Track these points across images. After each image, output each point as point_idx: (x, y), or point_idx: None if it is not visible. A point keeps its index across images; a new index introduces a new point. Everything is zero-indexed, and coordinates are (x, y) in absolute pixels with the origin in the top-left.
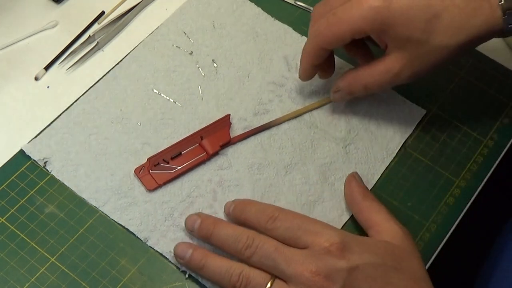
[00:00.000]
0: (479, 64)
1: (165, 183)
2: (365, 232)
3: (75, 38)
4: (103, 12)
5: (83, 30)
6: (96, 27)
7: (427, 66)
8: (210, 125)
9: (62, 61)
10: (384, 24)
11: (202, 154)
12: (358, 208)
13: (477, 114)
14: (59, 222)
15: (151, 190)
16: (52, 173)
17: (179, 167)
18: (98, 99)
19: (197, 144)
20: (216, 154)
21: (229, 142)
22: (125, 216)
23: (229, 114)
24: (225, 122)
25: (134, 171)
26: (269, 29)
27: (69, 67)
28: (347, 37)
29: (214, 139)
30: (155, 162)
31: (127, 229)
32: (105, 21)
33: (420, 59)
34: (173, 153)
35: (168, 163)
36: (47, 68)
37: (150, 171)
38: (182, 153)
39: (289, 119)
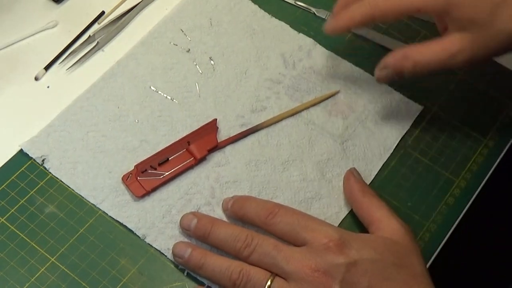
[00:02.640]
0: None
1: (153, 190)
2: (364, 229)
3: (75, 38)
4: (103, 12)
5: (83, 30)
6: (96, 27)
7: (486, 51)
8: (197, 130)
9: (62, 61)
10: (449, 5)
11: (190, 159)
12: (358, 205)
13: (477, 114)
14: (59, 222)
15: (139, 197)
16: (50, 170)
17: (167, 173)
18: (95, 97)
19: (184, 150)
20: (204, 159)
21: (216, 147)
22: (123, 213)
23: (216, 119)
24: (212, 126)
25: (122, 179)
26: (266, 26)
27: (69, 67)
28: (404, 14)
29: (201, 144)
30: (142, 168)
31: (127, 228)
32: (105, 21)
33: (482, 43)
34: (160, 159)
35: (155, 169)
36: (47, 68)
37: (138, 177)
38: (170, 158)
39: (281, 119)
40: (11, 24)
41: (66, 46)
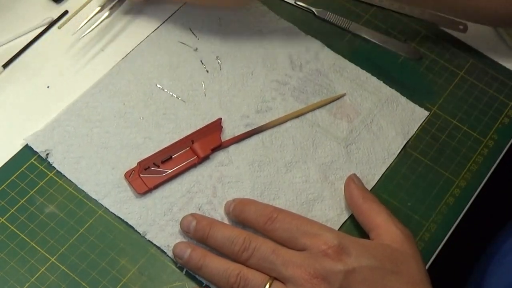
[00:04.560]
0: (479, 64)
1: (155, 187)
2: (365, 232)
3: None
4: None
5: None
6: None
7: None
8: (201, 129)
9: (76, 32)
10: None
11: (193, 158)
12: (358, 211)
13: (477, 114)
14: (59, 222)
15: (141, 193)
16: (53, 165)
17: (170, 171)
18: (101, 93)
19: (188, 148)
20: (207, 158)
21: (220, 146)
22: (125, 210)
23: (221, 118)
24: (216, 126)
25: (124, 175)
26: (274, 27)
27: (83, 35)
28: None
29: (205, 143)
30: (145, 166)
31: (127, 228)
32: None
33: None
34: (163, 157)
35: (158, 166)
36: (5, 66)
37: (140, 174)
38: (173, 156)
39: (286, 121)
40: (11, 24)
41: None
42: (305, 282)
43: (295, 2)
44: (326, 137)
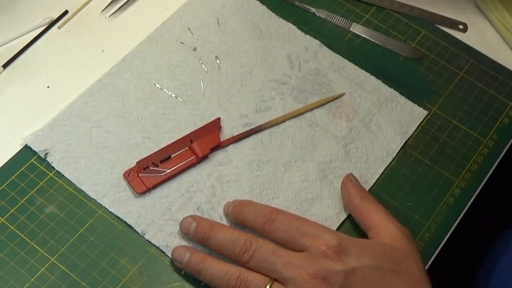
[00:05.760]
0: (479, 64)
1: (154, 187)
2: (364, 231)
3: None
4: None
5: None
6: None
7: None
8: (200, 128)
9: (103, 10)
10: None
11: (192, 157)
12: (356, 210)
13: (477, 114)
14: (59, 222)
15: (140, 193)
16: (52, 164)
17: (169, 170)
18: (100, 93)
19: (186, 148)
20: (206, 157)
21: (219, 146)
22: (123, 209)
23: (219, 118)
24: (215, 125)
25: (123, 175)
26: (273, 27)
27: (111, 15)
28: None
29: (204, 143)
30: (144, 165)
31: (127, 228)
32: None
33: None
34: (162, 156)
35: (157, 166)
36: (5, 66)
37: (139, 174)
38: (172, 156)
39: (285, 120)
40: (11, 24)
41: (30, 41)
42: (305, 282)
43: (295, 2)
44: (325, 136)
